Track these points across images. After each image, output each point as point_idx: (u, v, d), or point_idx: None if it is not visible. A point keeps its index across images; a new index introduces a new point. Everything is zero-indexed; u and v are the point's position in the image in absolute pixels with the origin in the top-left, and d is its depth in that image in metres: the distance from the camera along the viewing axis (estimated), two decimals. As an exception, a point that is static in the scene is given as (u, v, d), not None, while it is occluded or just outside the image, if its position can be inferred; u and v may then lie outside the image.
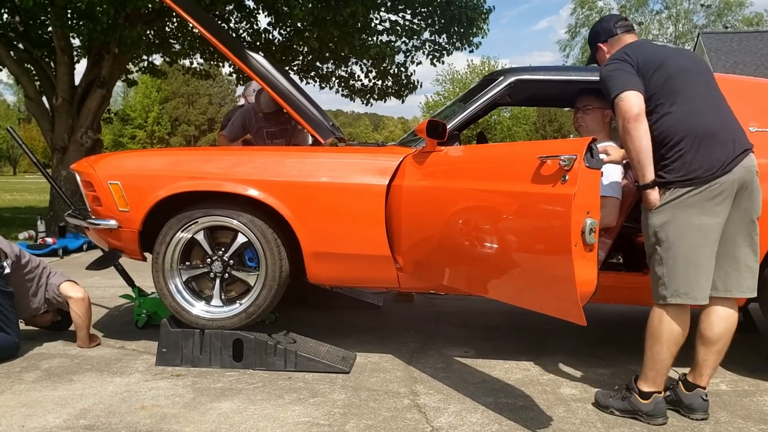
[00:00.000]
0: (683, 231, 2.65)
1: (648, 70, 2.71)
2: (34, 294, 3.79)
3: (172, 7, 3.58)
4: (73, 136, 9.58)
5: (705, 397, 2.82)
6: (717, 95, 2.81)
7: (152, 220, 3.49)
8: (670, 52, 2.83)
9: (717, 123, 2.71)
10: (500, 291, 2.91)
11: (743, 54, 23.11)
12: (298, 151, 3.85)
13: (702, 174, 2.63)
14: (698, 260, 2.66)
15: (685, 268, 2.66)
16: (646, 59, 2.73)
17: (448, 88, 43.11)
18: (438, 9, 11.12)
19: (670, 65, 2.73)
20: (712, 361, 2.81)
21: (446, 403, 2.99)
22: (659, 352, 2.73)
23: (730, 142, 2.68)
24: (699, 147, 2.65)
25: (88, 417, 2.78)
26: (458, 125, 3.50)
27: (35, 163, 4.43)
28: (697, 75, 2.79)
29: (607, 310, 4.57)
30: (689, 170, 2.64)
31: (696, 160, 2.64)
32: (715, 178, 2.63)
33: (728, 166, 2.65)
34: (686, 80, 2.73)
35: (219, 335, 3.45)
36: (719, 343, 2.80)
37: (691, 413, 2.82)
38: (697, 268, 2.66)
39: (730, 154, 2.66)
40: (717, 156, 2.64)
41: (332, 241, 3.38)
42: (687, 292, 2.66)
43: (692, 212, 2.64)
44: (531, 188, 2.59)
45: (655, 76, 2.71)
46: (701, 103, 2.72)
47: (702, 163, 2.64)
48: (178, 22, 11.00)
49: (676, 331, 2.71)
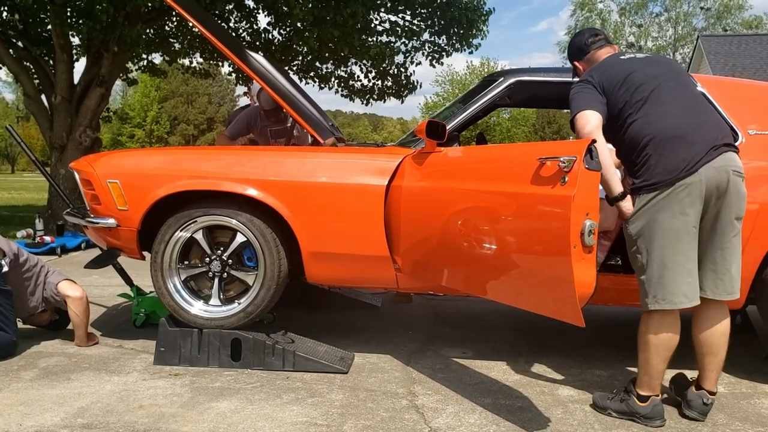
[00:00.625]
0: (656, 236, 2.65)
1: (613, 88, 2.75)
2: (32, 293, 3.79)
3: (172, 6, 3.58)
4: (71, 134, 9.57)
5: (706, 401, 2.81)
6: (692, 96, 2.80)
7: (151, 219, 3.49)
8: (635, 64, 2.82)
9: (685, 124, 2.68)
10: (499, 292, 2.91)
11: (742, 57, 23.13)
12: (297, 151, 3.86)
13: (664, 177, 2.63)
14: (673, 264, 2.64)
15: (660, 273, 2.66)
16: (610, 78, 2.77)
17: (448, 89, 43.15)
18: (438, 10, 11.12)
19: (635, 77, 2.75)
20: (715, 364, 2.82)
21: (444, 404, 2.99)
22: (650, 358, 2.73)
23: (699, 142, 2.65)
24: (663, 150, 2.65)
25: (86, 416, 2.77)
26: (458, 126, 3.51)
27: (34, 162, 4.43)
28: (667, 79, 2.78)
29: (606, 312, 4.57)
30: (653, 174, 2.65)
31: (660, 163, 2.64)
32: (679, 180, 2.62)
33: (694, 166, 2.62)
34: (654, 86, 2.73)
35: (217, 335, 3.44)
36: (719, 347, 2.81)
37: (688, 410, 2.82)
38: (674, 273, 2.65)
39: (697, 154, 2.63)
40: (682, 157, 2.63)
41: (331, 241, 3.38)
42: (665, 297, 2.65)
43: (663, 216, 2.64)
44: (530, 189, 2.59)
45: (621, 90, 2.74)
46: (671, 106, 2.71)
47: (666, 165, 2.64)
48: (177, 20, 10.99)
49: (664, 337, 2.70)
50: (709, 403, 2.82)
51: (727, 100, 3.39)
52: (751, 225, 3.13)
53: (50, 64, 9.99)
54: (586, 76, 2.86)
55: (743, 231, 3.11)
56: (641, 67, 2.82)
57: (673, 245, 2.64)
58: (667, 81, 2.78)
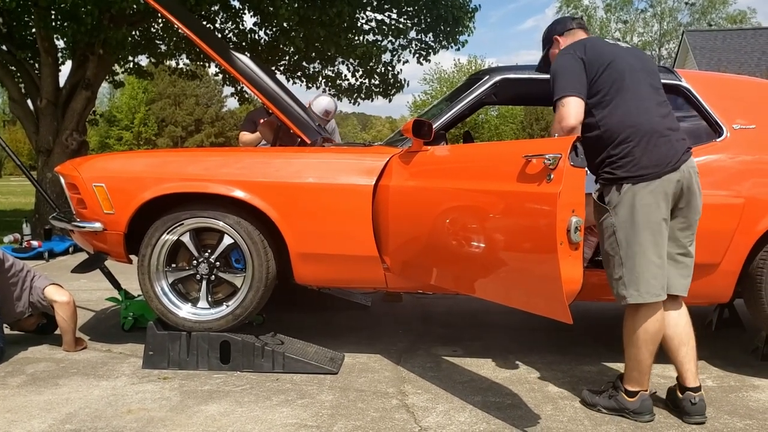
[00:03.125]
0: (640, 229, 2.65)
1: (597, 69, 2.72)
2: (18, 298, 3.76)
3: (155, 7, 3.57)
4: (58, 138, 9.50)
5: (694, 401, 2.76)
6: (661, 97, 2.82)
7: (138, 222, 3.47)
8: (620, 51, 2.82)
9: (663, 123, 2.72)
10: (487, 290, 2.91)
11: (727, 52, 23.28)
12: (284, 152, 3.84)
13: (654, 170, 2.64)
14: (656, 258, 2.66)
15: (645, 265, 2.66)
16: (596, 58, 2.74)
17: (436, 87, 43.12)
18: (424, 8, 11.12)
19: (620, 63, 2.74)
20: (691, 354, 2.79)
21: (434, 403, 2.99)
22: (637, 353, 2.73)
23: (676, 140, 2.71)
24: (648, 143, 2.66)
25: (74, 421, 2.75)
26: (444, 125, 3.51)
27: (19, 166, 4.39)
28: (645, 75, 2.79)
29: (594, 308, 4.59)
30: (640, 166, 2.65)
31: (645, 156, 2.65)
32: (665, 173, 2.65)
33: (676, 163, 2.66)
34: (634, 78, 2.74)
35: (206, 337, 3.43)
36: (689, 336, 2.80)
37: (687, 417, 2.77)
38: (658, 267, 2.67)
39: (677, 152, 2.68)
40: (665, 152, 2.66)
41: (319, 241, 3.37)
42: (649, 290, 2.66)
43: (647, 209, 2.64)
44: (516, 187, 2.59)
45: (603, 74, 2.72)
46: (647, 103, 2.73)
47: (651, 158, 2.65)
48: (163, 22, 10.93)
49: (651, 331, 2.70)
50: (697, 401, 2.77)
51: (712, 95, 3.41)
52: (737, 219, 3.16)
53: (35, 68, 9.91)
54: (569, 49, 2.81)
55: (729, 225, 3.14)
56: (624, 55, 2.81)
57: (655, 238, 2.66)
58: (645, 76, 2.79)
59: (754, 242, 3.18)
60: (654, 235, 2.65)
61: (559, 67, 2.77)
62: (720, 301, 3.58)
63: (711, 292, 3.31)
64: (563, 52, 2.83)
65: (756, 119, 3.35)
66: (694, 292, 3.18)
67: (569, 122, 2.65)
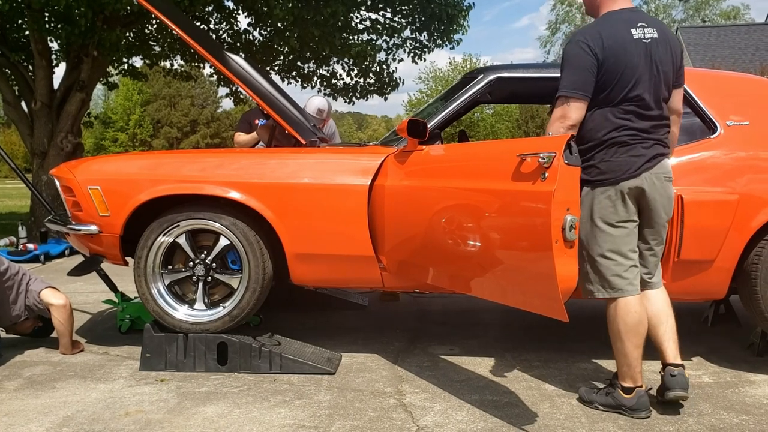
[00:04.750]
0: (600, 227, 2.74)
1: (612, 69, 2.67)
2: (14, 301, 3.75)
3: (148, 9, 3.57)
4: (53, 140, 9.47)
5: (673, 373, 2.79)
6: (665, 112, 2.81)
7: (133, 225, 3.46)
8: (641, 51, 2.70)
9: (644, 126, 2.74)
10: (483, 289, 2.91)
11: (721, 48, 23.33)
12: (279, 153, 3.84)
13: (618, 174, 2.71)
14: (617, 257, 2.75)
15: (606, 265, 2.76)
16: (612, 58, 2.66)
17: (431, 85, 43.15)
18: (418, 6, 11.11)
19: (635, 73, 2.69)
20: (670, 332, 2.84)
21: (432, 402, 3.00)
22: (622, 346, 2.76)
23: (654, 144, 2.76)
24: (618, 148, 2.72)
25: (72, 425, 2.75)
26: (439, 124, 3.51)
27: (14, 169, 4.38)
28: (655, 86, 2.74)
29: (590, 306, 4.59)
30: (606, 170, 2.72)
31: (615, 161, 2.71)
32: (624, 180, 2.71)
33: (637, 170, 2.72)
34: (631, 81, 2.69)
35: (203, 339, 3.43)
36: (667, 314, 2.86)
37: (667, 392, 2.81)
38: (618, 265, 2.75)
39: (646, 156, 2.73)
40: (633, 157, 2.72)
41: (315, 242, 3.37)
42: (613, 286, 2.74)
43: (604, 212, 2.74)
44: (511, 186, 2.60)
45: (615, 79, 2.68)
46: (647, 123, 2.73)
47: (618, 165, 2.71)
48: (157, 24, 10.90)
49: (631, 323, 2.73)
50: (676, 374, 2.79)
51: (706, 92, 3.42)
52: (732, 215, 3.16)
53: (29, 70, 9.87)
54: (590, 39, 2.68)
55: (724, 221, 3.15)
56: (646, 58, 2.71)
57: (614, 238, 2.75)
58: (655, 90, 2.74)
59: (748, 238, 3.19)
60: (613, 236, 2.73)
61: (571, 58, 2.71)
62: (715, 297, 3.58)
63: (706, 288, 3.32)
64: (579, 41, 2.71)
65: (750, 116, 3.36)
66: (689, 288, 3.20)
67: (568, 123, 2.68)
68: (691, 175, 3.22)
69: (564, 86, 2.70)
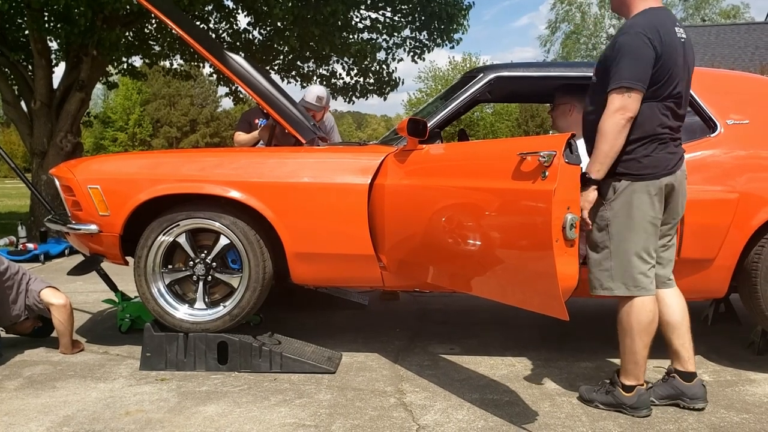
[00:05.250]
0: (636, 223, 2.70)
1: (664, 65, 2.66)
2: (14, 301, 3.75)
3: (148, 8, 3.56)
4: (52, 140, 9.46)
5: (704, 384, 2.88)
6: (688, 94, 2.83)
7: (133, 224, 3.46)
8: (680, 50, 2.71)
9: (676, 125, 2.76)
10: (483, 288, 2.91)
11: (721, 47, 23.30)
12: (279, 152, 3.84)
13: (659, 170, 2.70)
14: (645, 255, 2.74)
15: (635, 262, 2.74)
16: (665, 55, 2.64)
17: (431, 85, 43.16)
18: (418, 6, 11.11)
19: (678, 72, 2.70)
20: (688, 344, 2.85)
21: (432, 401, 3.00)
22: (632, 344, 2.75)
23: (679, 144, 2.79)
24: (658, 144, 2.71)
25: (72, 424, 2.75)
26: (439, 123, 3.51)
27: (13, 168, 4.38)
28: (683, 77, 2.76)
29: (590, 304, 4.60)
30: (648, 164, 2.69)
31: (656, 156, 2.70)
32: (663, 176, 2.71)
33: (674, 166, 2.73)
34: (676, 79, 2.70)
35: (203, 338, 3.43)
36: (683, 325, 2.85)
37: (695, 402, 2.84)
38: (646, 263, 2.75)
39: (678, 155, 2.76)
40: (669, 154, 2.73)
41: (315, 241, 3.37)
42: (636, 285, 2.73)
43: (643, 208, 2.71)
44: (511, 185, 2.60)
45: (665, 78, 2.67)
46: (672, 102, 2.73)
47: (660, 159, 2.70)
48: (157, 23, 10.89)
49: (644, 322, 2.73)
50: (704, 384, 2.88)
51: (706, 91, 3.41)
52: (732, 214, 3.16)
53: (29, 70, 9.86)
54: (650, 32, 2.63)
55: (724, 220, 3.15)
56: (682, 57, 2.72)
57: (651, 235, 2.73)
58: (686, 90, 2.77)
59: (748, 237, 3.19)
60: (647, 233, 2.71)
61: (634, 49, 2.63)
62: (716, 296, 3.59)
63: (706, 287, 3.32)
64: (639, 33, 2.64)
65: (750, 114, 3.36)
66: (690, 287, 3.19)
67: (627, 114, 2.61)
68: (691, 174, 3.20)
69: (624, 77, 2.61)
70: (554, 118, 3.59)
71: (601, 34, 39.55)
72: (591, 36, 41.03)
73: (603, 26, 40.95)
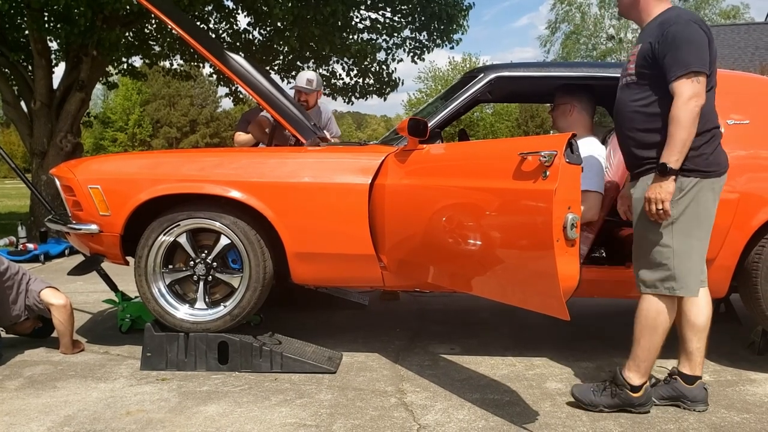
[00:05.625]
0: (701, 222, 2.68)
1: (712, 43, 2.63)
2: (14, 301, 3.75)
3: (149, 8, 3.56)
4: (52, 140, 9.46)
5: (706, 387, 2.88)
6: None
7: (134, 224, 3.46)
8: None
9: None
10: (484, 288, 2.92)
11: (720, 47, 23.22)
12: (279, 152, 3.84)
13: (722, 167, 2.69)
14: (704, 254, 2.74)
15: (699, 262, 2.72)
16: (709, 34, 2.61)
17: (430, 85, 43.19)
18: (418, 6, 11.12)
19: (714, 55, 2.65)
20: (703, 348, 2.85)
21: (433, 401, 3.00)
22: (657, 342, 2.74)
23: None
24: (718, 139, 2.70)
25: (73, 424, 2.75)
26: (439, 123, 3.51)
27: (13, 168, 4.38)
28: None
29: (591, 304, 4.60)
30: (713, 161, 2.66)
31: (718, 152, 2.69)
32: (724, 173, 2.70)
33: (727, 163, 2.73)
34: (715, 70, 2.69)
35: (204, 338, 3.43)
36: (707, 329, 2.85)
37: (696, 405, 2.84)
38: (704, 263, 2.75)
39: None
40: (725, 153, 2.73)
41: (316, 241, 3.37)
42: (697, 284, 2.72)
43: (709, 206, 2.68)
44: (512, 185, 2.60)
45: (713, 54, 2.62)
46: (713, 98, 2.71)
47: (721, 156, 2.70)
48: (157, 23, 10.90)
49: (669, 321, 2.74)
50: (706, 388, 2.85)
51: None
52: (732, 214, 3.16)
53: (29, 70, 9.86)
54: (698, 19, 2.61)
55: (725, 220, 3.15)
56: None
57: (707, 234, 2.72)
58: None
59: (749, 237, 3.19)
60: (708, 231, 2.71)
61: (693, 35, 2.57)
62: (716, 296, 3.57)
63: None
64: (690, 21, 2.60)
65: (750, 114, 3.36)
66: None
67: (701, 99, 2.53)
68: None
69: (691, 62, 2.52)
70: (554, 118, 3.59)
71: (600, 34, 39.58)
72: (591, 36, 41.01)
73: (603, 26, 40.95)
